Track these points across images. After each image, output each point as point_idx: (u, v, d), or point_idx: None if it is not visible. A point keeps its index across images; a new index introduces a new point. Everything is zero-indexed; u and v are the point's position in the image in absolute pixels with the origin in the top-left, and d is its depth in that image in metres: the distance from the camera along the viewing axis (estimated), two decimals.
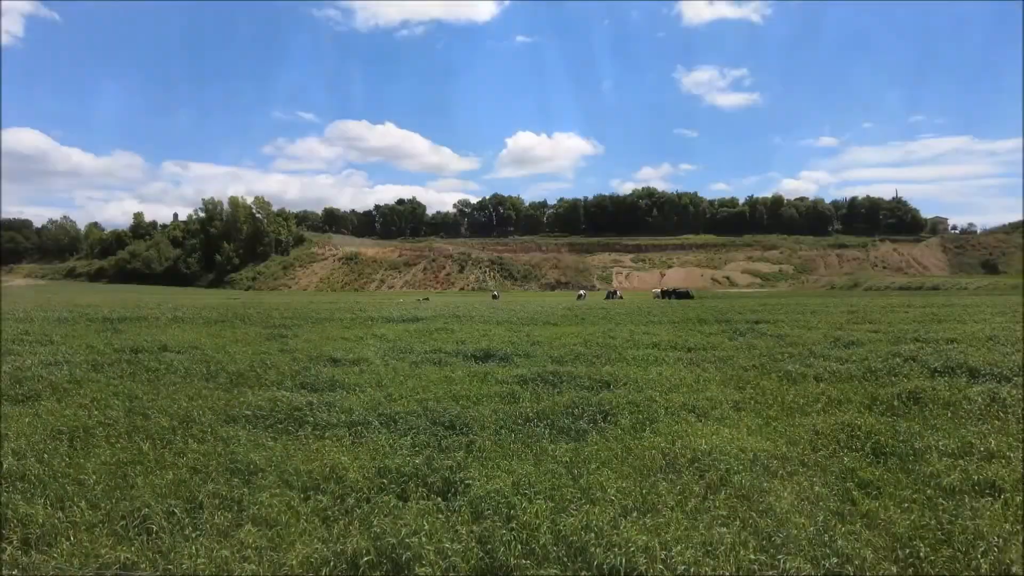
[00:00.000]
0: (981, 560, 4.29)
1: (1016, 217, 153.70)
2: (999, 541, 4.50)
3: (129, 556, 4.55)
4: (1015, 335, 16.69)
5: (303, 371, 11.62)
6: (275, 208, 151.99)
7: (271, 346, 15.79)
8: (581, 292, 66.30)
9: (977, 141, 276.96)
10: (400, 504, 5.38)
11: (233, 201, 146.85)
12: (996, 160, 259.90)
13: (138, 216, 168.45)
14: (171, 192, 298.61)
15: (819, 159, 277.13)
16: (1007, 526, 4.80)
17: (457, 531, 4.79)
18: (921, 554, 4.41)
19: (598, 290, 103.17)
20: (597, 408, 8.62)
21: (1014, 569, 4.17)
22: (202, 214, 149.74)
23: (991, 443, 6.74)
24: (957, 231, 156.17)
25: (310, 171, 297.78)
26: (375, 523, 4.94)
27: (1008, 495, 5.42)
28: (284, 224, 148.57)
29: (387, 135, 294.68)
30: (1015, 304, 33.72)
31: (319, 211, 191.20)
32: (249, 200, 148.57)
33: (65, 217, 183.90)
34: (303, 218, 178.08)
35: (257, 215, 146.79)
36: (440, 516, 5.09)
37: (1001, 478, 5.73)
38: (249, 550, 4.67)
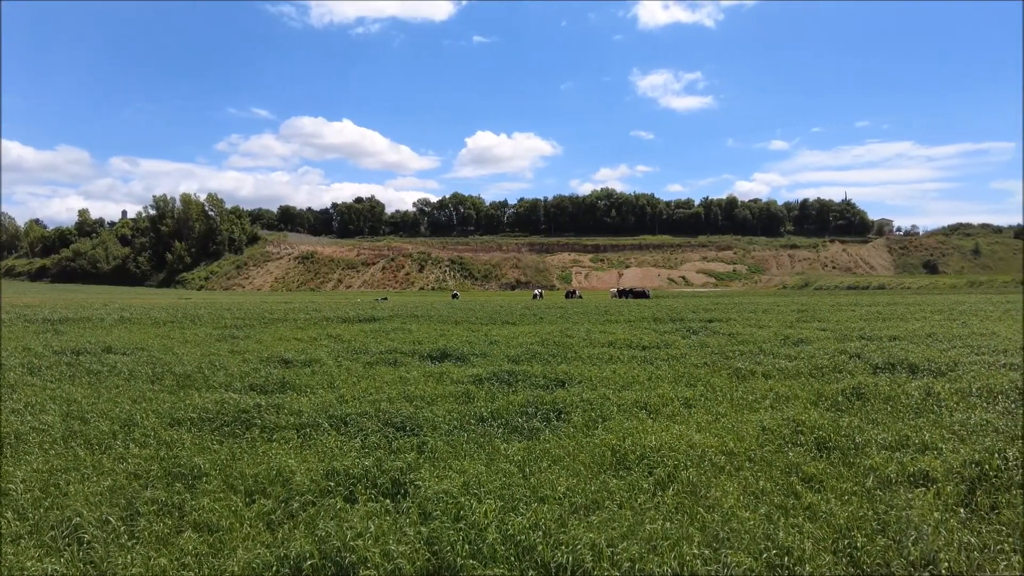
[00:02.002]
0: (912, 548, 4.45)
1: (953, 220, 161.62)
2: (928, 530, 4.68)
3: (58, 568, 4.35)
4: (951, 332, 17.49)
5: (253, 372, 11.35)
6: (228, 206, 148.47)
7: (221, 347, 15.39)
8: (537, 292, 66.70)
9: (917, 147, 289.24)
10: (347, 507, 5.28)
11: (185, 198, 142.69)
12: (935, 165, 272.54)
13: (83, 213, 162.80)
14: (119, 189, 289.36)
15: (771, 162, 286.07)
16: (938, 515, 4.99)
17: (404, 532, 4.72)
18: (858, 544, 4.55)
19: (557, 290, 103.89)
20: (551, 407, 8.65)
21: (940, 555, 4.34)
22: (152, 211, 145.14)
23: (925, 436, 7.02)
24: (901, 233, 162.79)
25: (265, 168, 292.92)
26: (320, 526, 4.84)
27: (940, 485, 5.64)
28: (238, 222, 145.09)
29: (344, 132, 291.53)
30: (952, 303, 35.31)
31: (274, 209, 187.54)
32: (202, 197, 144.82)
33: (3, 213, 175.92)
34: (257, 216, 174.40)
35: (210, 213, 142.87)
36: (387, 518, 5.02)
37: (934, 469, 5.96)
38: (189, 557, 4.52)
